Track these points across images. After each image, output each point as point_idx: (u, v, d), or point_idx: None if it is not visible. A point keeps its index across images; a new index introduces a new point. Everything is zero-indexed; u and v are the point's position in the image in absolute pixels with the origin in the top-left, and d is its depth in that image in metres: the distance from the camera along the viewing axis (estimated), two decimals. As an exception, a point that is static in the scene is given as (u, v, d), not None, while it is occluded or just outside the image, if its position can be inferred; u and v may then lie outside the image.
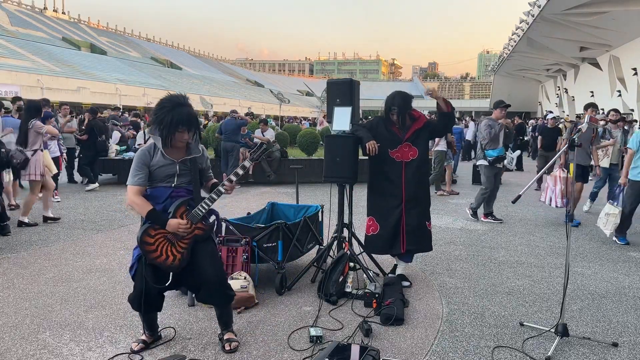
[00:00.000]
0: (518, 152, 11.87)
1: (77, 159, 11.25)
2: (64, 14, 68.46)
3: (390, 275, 4.69)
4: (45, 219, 6.97)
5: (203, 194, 3.21)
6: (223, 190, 3.08)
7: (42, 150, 6.94)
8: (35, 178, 6.68)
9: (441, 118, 4.52)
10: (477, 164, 7.92)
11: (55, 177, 8.21)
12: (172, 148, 3.10)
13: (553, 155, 10.48)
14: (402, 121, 4.41)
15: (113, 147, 11.80)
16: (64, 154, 9.14)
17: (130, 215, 7.61)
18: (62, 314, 3.80)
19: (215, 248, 3.24)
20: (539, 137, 11.65)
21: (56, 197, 8.50)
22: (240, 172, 3.11)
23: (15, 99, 10.47)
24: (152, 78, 49.81)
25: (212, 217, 3.25)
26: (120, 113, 18.45)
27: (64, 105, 12.04)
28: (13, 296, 4.15)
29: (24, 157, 6.46)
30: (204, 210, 3.08)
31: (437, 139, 9.97)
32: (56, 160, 8.46)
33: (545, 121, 12.88)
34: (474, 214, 7.68)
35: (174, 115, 2.96)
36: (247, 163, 3.18)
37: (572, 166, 3.83)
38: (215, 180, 3.37)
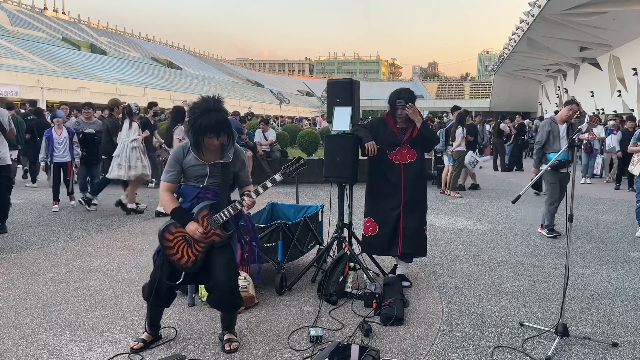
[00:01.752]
0: (487, 157, 11.27)
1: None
2: (64, 14, 68.44)
3: (390, 275, 4.69)
4: (129, 211, 7.70)
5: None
6: (239, 207, 3.12)
7: None
8: None
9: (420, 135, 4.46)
10: (540, 169, 6.54)
11: (67, 184, 7.98)
12: (206, 150, 3.13)
13: None
14: (408, 116, 4.41)
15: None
16: (77, 160, 7.99)
17: (130, 215, 7.61)
18: (62, 314, 3.80)
19: (232, 255, 3.23)
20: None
21: (72, 202, 8.07)
22: (262, 190, 3.14)
23: (151, 105, 10.67)
24: (152, 78, 49.80)
25: (240, 222, 3.30)
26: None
27: (63, 105, 12.06)
28: (13, 296, 4.15)
29: (167, 156, 7.06)
30: (224, 217, 3.11)
31: (457, 140, 9.94)
32: (65, 166, 7.86)
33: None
34: (551, 231, 6.60)
35: (202, 121, 2.99)
36: (277, 177, 3.18)
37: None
38: (250, 187, 3.31)
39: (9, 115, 6.39)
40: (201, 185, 3.17)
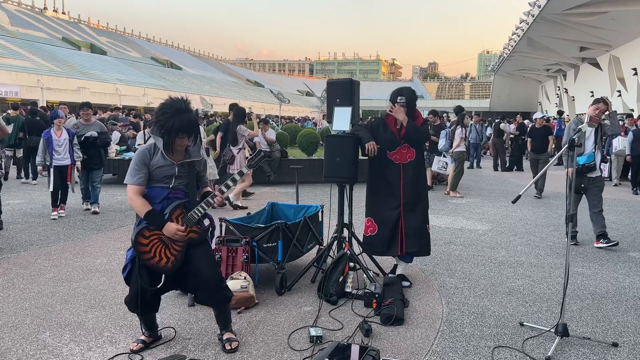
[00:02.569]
0: (447, 158, 10.93)
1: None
2: (64, 14, 68.42)
3: (390, 275, 4.69)
4: (235, 207, 8.12)
5: None
6: (212, 202, 3.11)
7: (244, 149, 8.49)
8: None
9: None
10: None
11: (64, 190, 7.44)
12: (175, 150, 3.12)
13: (544, 157, 10.08)
14: (410, 113, 4.41)
15: (113, 147, 11.80)
16: (78, 163, 7.47)
17: (130, 215, 7.61)
18: (62, 314, 3.80)
19: (210, 250, 3.26)
20: (528, 139, 10.80)
21: (61, 211, 7.46)
22: (231, 184, 3.14)
23: (233, 105, 9.83)
24: (152, 78, 49.80)
25: (207, 222, 3.27)
26: (126, 113, 18.38)
27: (62, 105, 12.03)
28: (13, 296, 4.15)
29: (232, 154, 8.27)
30: (199, 214, 3.10)
31: (457, 140, 9.91)
32: (65, 170, 7.36)
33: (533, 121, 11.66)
34: (604, 238, 6.00)
35: (174, 122, 2.98)
36: (245, 170, 3.21)
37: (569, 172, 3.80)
38: (208, 188, 3.35)
39: None
40: (170, 186, 3.12)
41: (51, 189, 7.25)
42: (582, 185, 6.01)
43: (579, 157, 5.81)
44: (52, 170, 7.24)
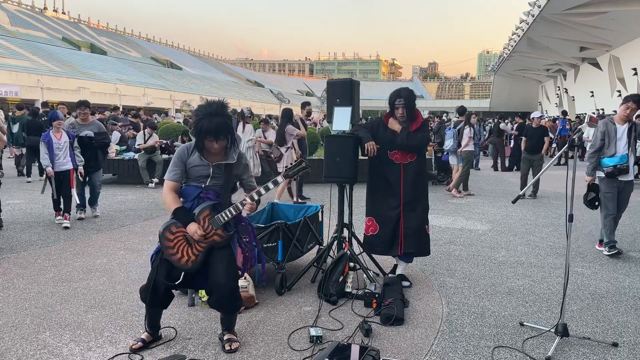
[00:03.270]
0: (453, 158, 11.11)
1: None
2: (64, 14, 68.42)
3: (390, 275, 4.69)
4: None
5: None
6: (240, 208, 3.14)
7: (292, 149, 8.70)
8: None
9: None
10: (596, 176, 5.65)
11: (66, 198, 6.85)
12: (208, 152, 3.17)
13: (538, 157, 9.82)
14: (409, 114, 4.40)
15: (113, 147, 11.81)
16: (80, 167, 6.95)
17: (130, 215, 7.62)
18: (62, 314, 3.80)
19: (232, 257, 3.24)
20: (523, 139, 10.32)
21: (65, 220, 6.74)
22: (264, 192, 3.15)
23: (286, 110, 10.20)
24: (152, 78, 49.79)
25: (242, 223, 3.33)
26: (124, 113, 18.39)
27: (60, 105, 12.04)
28: (13, 296, 4.16)
29: (280, 153, 8.60)
30: (226, 218, 3.13)
31: (465, 140, 9.86)
32: (66, 175, 6.79)
33: (530, 120, 11.01)
34: (612, 248, 5.62)
35: (203, 125, 3.05)
36: (279, 179, 3.20)
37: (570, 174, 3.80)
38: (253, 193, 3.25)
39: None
40: (203, 186, 3.19)
41: (53, 195, 6.77)
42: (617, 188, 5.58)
43: (609, 159, 5.47)
44: (46, 174, 6.69)
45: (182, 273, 3.16)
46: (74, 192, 6.97)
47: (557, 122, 19.81)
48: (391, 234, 4.43)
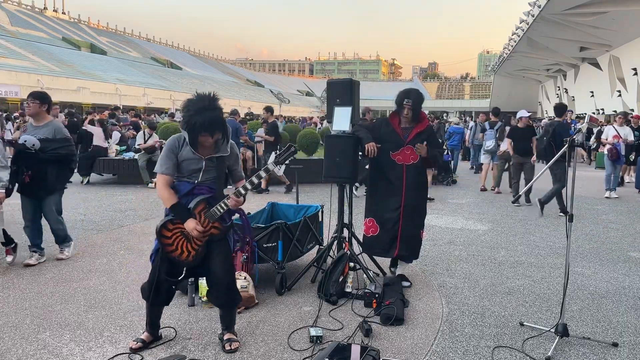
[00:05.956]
0: (483, 157, 11.25)
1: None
2: (64, 14, 68.41)
3: (391, 269, 4.71)
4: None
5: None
6: (241, 192, 3.09)
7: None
8: None
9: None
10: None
11: None
12: (201, 146, 3.10)
13: (529, 160, 8.90)
14: (415, 116, 4.40)
15: (113, 147, 11.82)
16: (1, 191, 5.08)
17: (130, 215, 7.61)
18: (62, 314, 3.80)
19: (229, 250, 3.23)
20: (508, 141, 9.45)
21: (8, 256, 5.14)
22: (256, 181, 3.11)
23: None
24: (152, 78, 49.81)
25: (235, 216, 3.28)
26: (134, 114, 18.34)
27: (54, 105, 12.03)
28: (13, 296, 4.15)
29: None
30: (221, 210, 3.10)
31: (507, 140, 9.59)
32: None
33: (517, 121, 9.75)
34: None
35: (196, 121, 2.95)
36: (270, 166, 3.16)
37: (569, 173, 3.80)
38: (243, 182, 3.23)
39: None
40: (196, 181, 3.13)
41: None
42: None
43: None
44: None
45: (184, 268, 3.15)
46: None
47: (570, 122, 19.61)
48: (390, 236, 4.42)
